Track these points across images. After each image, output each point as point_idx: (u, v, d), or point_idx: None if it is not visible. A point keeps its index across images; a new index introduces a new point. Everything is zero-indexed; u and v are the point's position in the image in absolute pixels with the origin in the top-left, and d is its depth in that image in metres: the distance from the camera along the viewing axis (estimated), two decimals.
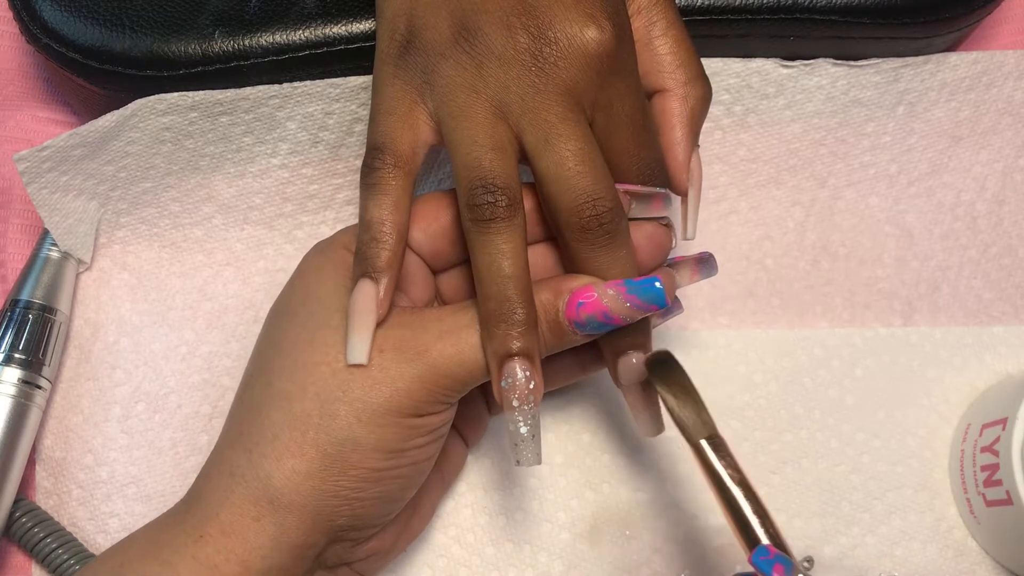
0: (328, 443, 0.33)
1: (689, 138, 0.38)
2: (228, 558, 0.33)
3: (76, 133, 0.41)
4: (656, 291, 0.34)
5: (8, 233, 0.45)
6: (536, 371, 0.33)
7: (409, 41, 0.35)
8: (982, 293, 0.48)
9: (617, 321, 0.34)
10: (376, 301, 0.34)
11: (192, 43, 0.42)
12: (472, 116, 0.34)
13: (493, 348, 0.33)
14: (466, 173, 0.34)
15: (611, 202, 0.34)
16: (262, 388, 0.35)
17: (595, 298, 0.34)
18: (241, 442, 0.35)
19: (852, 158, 0.48)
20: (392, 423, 0.33)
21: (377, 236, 0.34)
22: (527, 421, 0.33)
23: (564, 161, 0.34)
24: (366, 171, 0.35)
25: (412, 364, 0.34)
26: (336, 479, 0.33)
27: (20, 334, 0.41)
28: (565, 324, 0.34)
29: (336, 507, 0.34)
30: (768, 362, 0.46)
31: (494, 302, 0.33)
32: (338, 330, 0.34)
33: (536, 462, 0.34)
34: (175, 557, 0.33)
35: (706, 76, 0.39)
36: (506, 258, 0.33)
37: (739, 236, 0.47)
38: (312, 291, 0.36)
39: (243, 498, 0.33)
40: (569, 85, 0.34)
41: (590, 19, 0.34)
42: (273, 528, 0.33)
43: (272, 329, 0.37)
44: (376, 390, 0.33)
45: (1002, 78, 0.48)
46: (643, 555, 0.43)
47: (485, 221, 0.33)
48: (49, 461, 0.42)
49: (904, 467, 0.45)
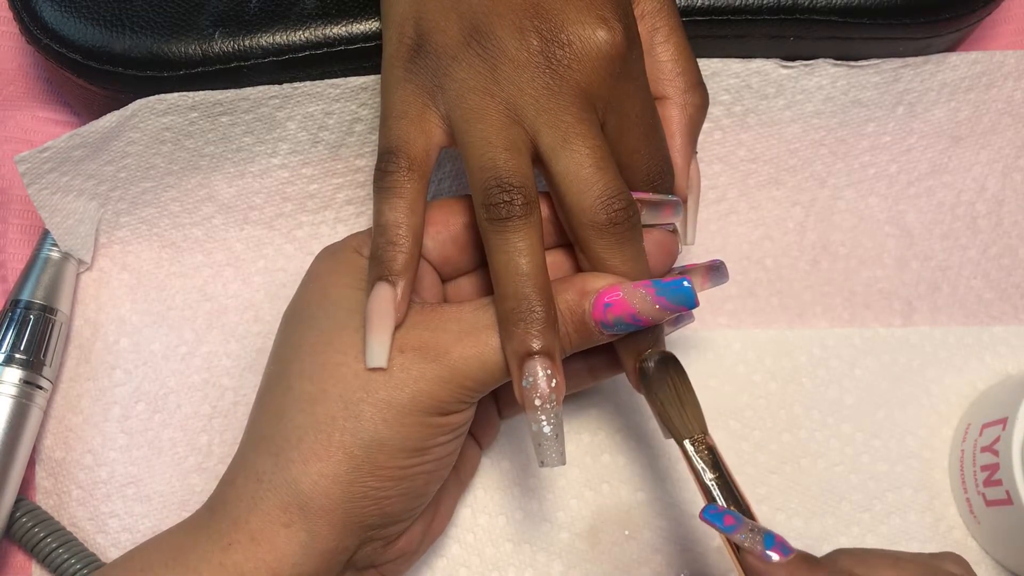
0: (354, 445, 0.33)
1: (688, 145, 0.38)
2: (257, 566, 0.33)
3: (76, 134, 0.41)
4: (686, 291, 0.34)
5: (8, 233, 0.45)
6: (557, 369, 0.33)
7: (419, 44, 0.35)
8: (982, 293, 0.48)
9: (645, 322, 0.34)
10: (394, 304, 0.34)
11: (192, 44, 0.42)
12: (485, 118, 0.34)
13: (512, 347, 0.33)
14: (481, 174, 0.34)
15: (627, 200, 0.34)
16: (283, 392, 0.35)
17: (622, 298, 0.34)
18: (265, 446, 0.34)
19: (852, 158, 0.48)
20: (417, 422, 0.33)
21: (393, 239, 0.34)
22: (550, 420, 0.33)
23: (582, 161, 0.34)
24: (380, 175, 0.35)
25: (433, 365, 0.33)
26: (364, 480, 0.33)
27: (21, 334, 0.41)
28: (592, 324, 0.34)
29: (365, 507, 0.34)
30: (767, 362, 0.46)
31: (512, 300, 0.33)
32: (357, 332, 0.34)
33: (560, 462, 0.33)
34: (201, 564, 0.33)
35: (703, 84, 0.39)
36: (523, 256, 0.33)
37: (739, 236, 0.47)
38: (328, 294, 0.36)
39: (272, 504, 0.33)
40: (583, 87, 0.34)
41: (601, 21, 0.34)
42: (304, 535, 0.33)
43: (289, 333, 0.36)
44: (399, 390, 0.33)
45: (1002, 78, 0.48)
46: (643, 555, 0.43)
47: (502, 220, 0.33)
48: (49, 461, 0.43)
49: (904, 467, 0.45)
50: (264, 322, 0.45)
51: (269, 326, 0.45)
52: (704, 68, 0.46)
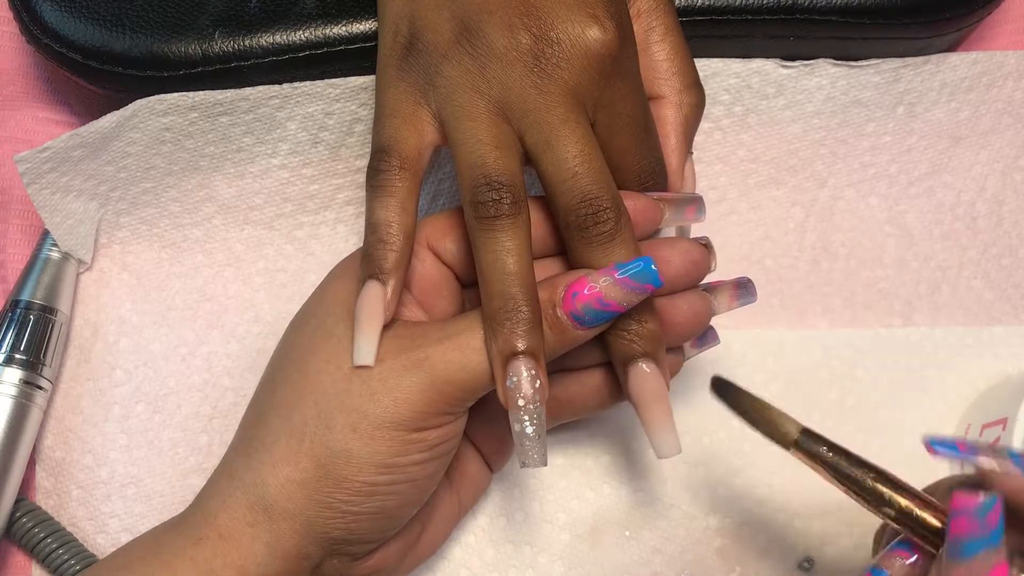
0: (323, 454, 0.33)
1: (683, 146, 0.38)
2: (225, 562, 0.33)
3: (76, 134, 0.41)
4: (648, 270, 0.33)
5: (8, 233, 0.45)
6: (542, 370, 0.33)
7: (411, 43, 0.35)
8: (982, 293, 0.48)
9: (615, 307, 0.33)
10: (384, 302, 0.34)
11: (192, 43, 0.42)
12: (475, 115, 0.34)
13: (498, 347, 0.33)
14: (469, 171, 0.34)
15: (609, 202, 0.34)
16: (267, 395, 0.35)
17: (587, 284, 0.33)
18: (243, 446, 0.35)
19: (852, 158, 0.48)
20: (388, 436, 0.33)
21: (384, 238, 0.34)
22: (532, 421, 0.33)
23: (564, 162, 0.34)
24: (372, 173, 0.35)
25: (412, 373, 0.33)
26: (329, 491, 0.33)
27: (21, 335, 0.41)
28: (564, 319, 0.34)
29: (329, 519, 0.33)
30: (768, 363, 0.46)
31: (498, 300, 0.33)
32: (341, 340, 0.34)
33: (541, 463, 0.33)
34: (175, 559, 0.33)
35: (700, 84, 0.39)
36: (510, 255, 0.33)
37: (739, 236, 0.47)
38: (325, 302, 0.36)
39: (240, 503, 0.34)
40: (571, 86, 0.34)
41: (593, 19, 0.34)
42: (268, 535, 0.33)
43: (284, 339, 0.37)
44: (374, 400, 0.33)
45: (1002, 78, 0.48)
46: (644, 556, 0.43)
47: (489, 219, 0.33)
48: (49, 461, 0.42)
49: (904, 467, 0.45)
50: (264, 322, 0.45)
51: (269, 326, 0.45)
52: (704, 68, 0.46)
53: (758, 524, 0.44)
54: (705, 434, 0.45)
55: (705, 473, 0.44)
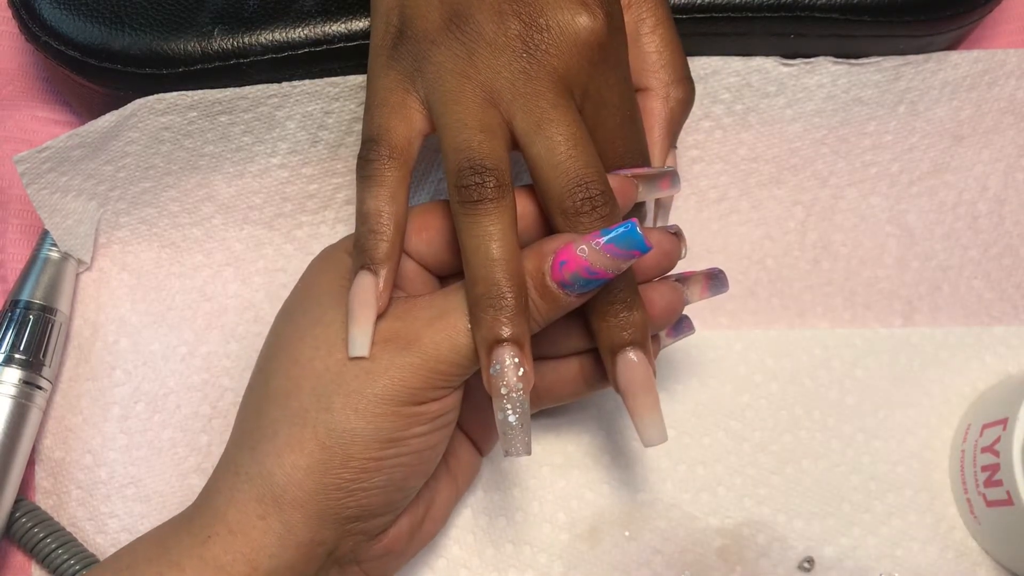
0: (326, 436, 0.33)
1: (666, 139, 0.38)
2: (235, 558, 0.33)
3: (75, 134, 0.41)
4: (633, 235, 0.33)
5: (8, 233, 0.45)
6: (526, 358, 0.33)
7: (401, 31, 0.35)
8: (983, 293, 0.47)
9: (602, 274, 0.33)
10: (376, 293, 0.34)
11: (191, 41, 0.42)
12: (462, 100, 0.34)
13: (482, 334, 0.33)
14: (455, 155, 0.34)
15: (602, 185, 0.34)
16: (261, 387, 0.35)
17: (574, 253, 0.33)
18: (244, 441, 0.35)
19: (853, 157, 0.48)
20: (390, 412, 0.33)
21: (375, 228, 0.34)
22: (516, 409, 0.33)
23: (556, 146, 0.33)
24: (362, 163, 0.35)
25: (405, 353, 0.33)
26: (338, 471, 0.33)
27: (20, 335, 0.41)
28: (553, 287, 0.33)
29: (340, 499, 0.34)
30: (768, 362, 0.46)
31: (482, 286, 0.33)
32: (330, 326, 0.34)
33: (525, 452, 0.33)
34: (183, 558, 0.33)
35: (690, 78, 0.39)
36: (494, 240, 0.33)
37: (740, 236, 0.47)
38: (310, 292, 0.36)
39: (248, 496, 0.33)
40: (560, 72, 0.34)
41: (582, 7, 0.34)
42: (279, 526, 0.33)
43: (272, 331, 0.37)
44: (371, 380, 0.33)
45: (1004, 77, 0.48)
46: (643, 556, 0.43)
47: (473, 203, 0.33)
48: (48, 461, 0.42)
49: (904, 468, 0.45)
50: (264, 322, 0.45)
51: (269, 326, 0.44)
52: (704, 66, 0.46)
53: (758, 524, 0.44)
54: (705, 434, 0.45)
55: (705, 473, 0.44)
